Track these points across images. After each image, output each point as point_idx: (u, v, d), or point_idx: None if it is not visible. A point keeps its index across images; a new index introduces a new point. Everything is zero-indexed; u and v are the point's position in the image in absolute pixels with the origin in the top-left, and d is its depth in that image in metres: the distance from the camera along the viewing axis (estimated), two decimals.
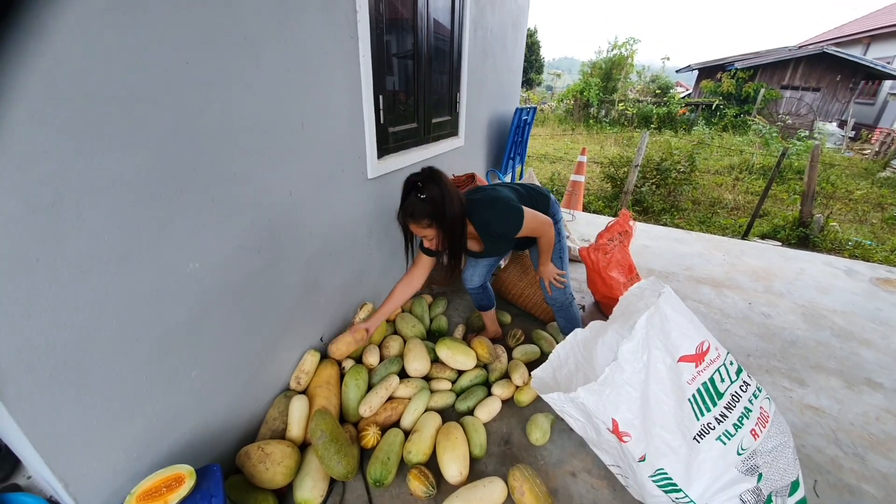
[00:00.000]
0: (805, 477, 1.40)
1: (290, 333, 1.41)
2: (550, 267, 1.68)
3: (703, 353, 1.06)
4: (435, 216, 1.28)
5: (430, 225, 1.31)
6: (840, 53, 11.77)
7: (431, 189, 1.26)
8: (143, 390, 0.96)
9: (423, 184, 1.27)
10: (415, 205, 1.27)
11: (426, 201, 1.26)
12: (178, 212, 0.94)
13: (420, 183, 1.27)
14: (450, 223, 1.31)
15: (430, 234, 1.34)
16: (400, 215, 1.33)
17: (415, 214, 1.28)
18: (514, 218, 1.43)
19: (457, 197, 1.32)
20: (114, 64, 0.77)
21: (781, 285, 2.84)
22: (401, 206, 1.32)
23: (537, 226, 1.48)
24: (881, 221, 5.22)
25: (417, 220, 1.29)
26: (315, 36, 1.25)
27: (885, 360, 2.09)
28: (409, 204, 1.29)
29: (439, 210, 1.27)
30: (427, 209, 1.27)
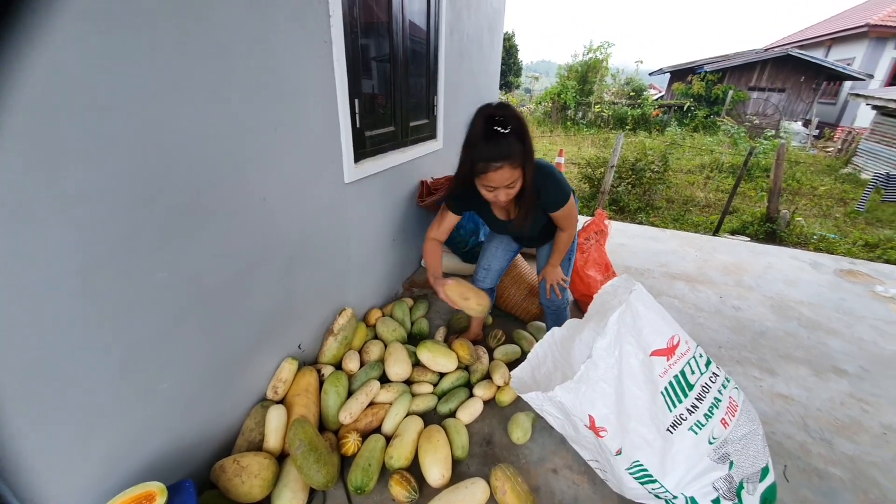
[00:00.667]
0: (775, 463, 1.45)
1: (266, 342, 1.39)
2: (559, 270, 1.63)
3: (674, 347, 1.09)
4: (524, 154, 1.08)
5: (520, 165, 1.09)
6: (804, 56, 12.31)
7: (514, 121, 1.05)
8: (111, 405, 0.93)
9: (504, 115, 1.05)
10: (500, 140, 1.05)
11: (514, 136, 1.05)
12: (146, 221, 0.91)
13: (500, 115, 1.05)
14: (531, 155, 1.11)
15: (515, 176, 1.11)
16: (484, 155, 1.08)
17: (505, 154, 1.05)
18: (564, 192, 1.30)
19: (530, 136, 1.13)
20: (79, 71, 0.74)
21: (751, 279, 2.94)
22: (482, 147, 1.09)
23: (572, 216, 1.39)
24: (844, 215, 5.48)
25: (508, 158, 1.07)
26: (288, 41, 1.24)
27: (850, 348, 2.19)
28: (491, 141, 1.06)
29: (525, 143, 1.07)
30: (516, 146, 1.06)
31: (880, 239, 4.52)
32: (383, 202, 2.06)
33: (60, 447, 0.84)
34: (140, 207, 0.89)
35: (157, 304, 0.98)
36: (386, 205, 2.10)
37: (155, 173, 0.91)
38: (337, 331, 1.67)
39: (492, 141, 1.07)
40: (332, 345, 1.65)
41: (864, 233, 4.74)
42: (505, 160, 1.09)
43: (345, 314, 1.72)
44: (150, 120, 0.88)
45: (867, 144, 8.44)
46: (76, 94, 0.75)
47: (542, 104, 14.65)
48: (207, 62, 0.99)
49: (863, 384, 1.91)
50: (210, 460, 1.22)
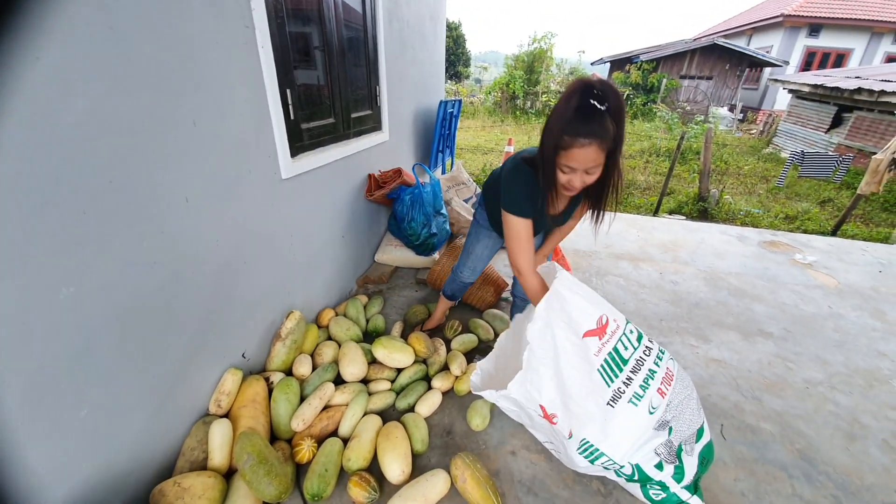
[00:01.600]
0: (712, 423, 1.57)
1: (203, 353, 1.29)
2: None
3: (604, 327, 1.13)
4: (616, 141, 0.98)
5: (606, 149, 0.99)
6: (728, 44, 13.23)
7: (615, 100, 0.96)
8: (21, 438, 0.83)
9: (605, 94, 0.95)
10: (594, 116, 0.95)
11: (611, 116, 0.95)
12: (40, 230, 0.81)
13: (602, 90, 0.95)
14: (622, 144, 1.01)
15: (601, 160, 1.01)
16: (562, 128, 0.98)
17: (598, 132, 0.96)
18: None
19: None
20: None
21: (686, 255, 3.15)
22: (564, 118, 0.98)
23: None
24: (766, 192, 5.98)
25: (600, 137, 0.96)
26: (202, 25, 1.14)
27: (773, 311, 2.40)
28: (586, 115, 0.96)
29: (620, 128, 0.98)
30: (611, 126, 0.96)
31: (798, 211, 4.98)
32: (328, 198, 1.98)
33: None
34: (31, 214, 0.79)
35: (65, 322, 0.88)
36: (331, 201, 2.02)
37: (44, 175, 0.81)
38: (285, 335, 1.59)
39: (586, 114, 0.97)
40: (281, 350, 1.57)
41: (784, 206, 5.20)
42: (595, 137, 0.98)
43: (293, 317, 1.64)
44: (31, 116, 0.78)
45: (785, 126, 9.26)
46: None
47: (491, 94, 14.79)
48: (101, 49, 0.88)
49: (786, 344, 2.10)
50: (149, 485, 1.13)
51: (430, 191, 2.40)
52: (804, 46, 13.29)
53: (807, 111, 8.54)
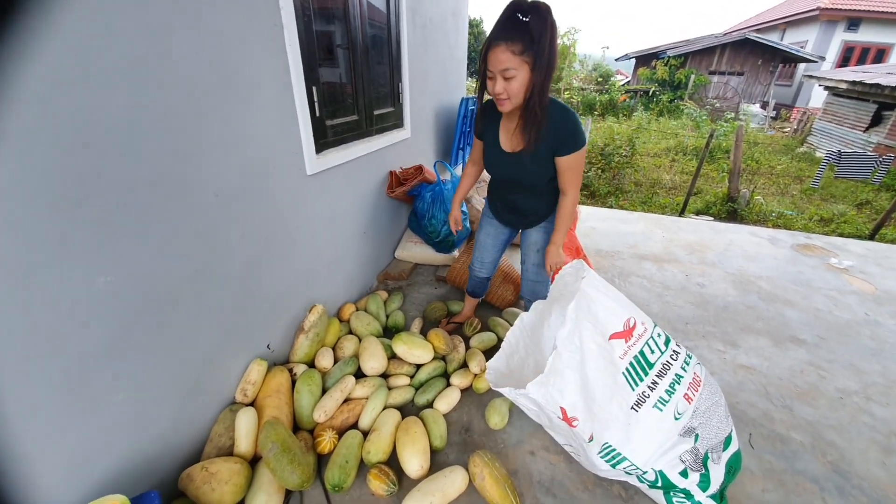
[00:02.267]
0: (740, 431, 1.52)
1: (231, 343, 1.33)
2: (562, 252, 1.49)
3: (631, 329, 1.11)
4: (532, 48, 1.09)
5: (522, 53, 1.10)
6: (760, 39, 12.74)
7: (538, 17, 1.08)
8: (62, 420, 0.87)
9: (534, 8, 1.09)
10: (513, 26, 1.09)
11: (529, 25, 1.07)
12: (81, 221, 0.85)
13: (528, 6, 1.09)
14: (545, 66, 1.12)
15: (513, 65, 1.12)
16: (491, 35, 1.13)
17: (510, 36, 1.08)
18: (580, 136, 1.27)
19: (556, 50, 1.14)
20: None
21: (714, 256, 3.05)
22: (494, 27, 1.12)
23: (579, 168, 1.33)
24: (800, 193, 5.76)
25: (510, 40, 1.09)
26: (233, 24, 1.17)
27: (806, 317, 2.30)
28: (505, 21, 1.10)
29: (538, 42, 1.08)
30: (526, 35, 1.08)
31: (834, 214, 4.77)
32: (350, 194, 2.01)
33: (6, 464, 0.78)
34: (73, 206, 0.83)
35: (103, 310, 0.92)
36: (354, 197, 2.04)
37: (87, 169, 0.84)
38: (308, 328, 1.62)
39: (504, 23, 1.10)
40: (304, 343, 1.61)
41: (819, 208, 4.99)
42: (505, 41, 1.10)
43: (315, 311, 1.67)
44: (75, 112, 0.81)
45: (821, 124, 8.86)
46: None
47: None
48: (139, 47, 0.91)
49: (819, 351, 2.02)
50: (177, 469, 1.18)
51: (451, 188, 2.40)
52: (842, 41, 12.68)
53: (844, 109, 8.15)
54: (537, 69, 1.14)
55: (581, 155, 1.31)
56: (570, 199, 1.41)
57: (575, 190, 1.39)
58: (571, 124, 1.27)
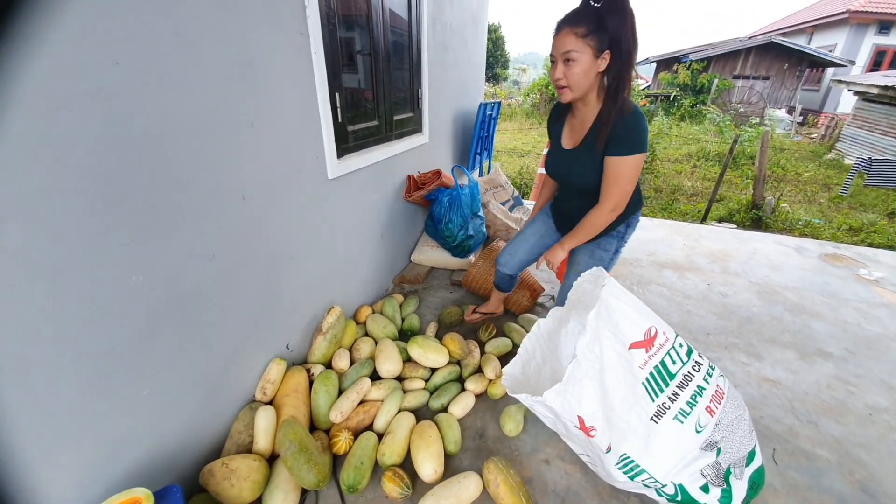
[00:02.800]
0: (764, 446, 1.47)
1: (252, 343, 1.36)
2: (560, 254, 1.45)
3: (652, 339, 1.09)
4: (600, 31, 1.05)
5: (586, 36, 1.06)
6: (787, 43, 12.42)
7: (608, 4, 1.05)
8: (90, 413, 0.90)
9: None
10: (584, 9, 1.06)
11: (600, 10, 1.05)
12: (115, 222, 0.88)
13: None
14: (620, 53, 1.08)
15: (575, 47, 1.08)
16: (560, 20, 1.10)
17: (576, 19, 1.06)
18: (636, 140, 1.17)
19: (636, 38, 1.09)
20: (34, 67, 0.71)
21: (737, 265, 2.97)
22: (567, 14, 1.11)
23: (622, 177, 1.21)
24: (828, 201, 5.57)
25: (574, 23, 1.06)
26: (262, 33, 1.21)
27: (834, 330, 2.22)
28: (575, 10, 1.08)
29: (607, 26, 1.05)
30: (593, 18, 1.05)
31: (863, 223, 4.60)
32: (369, 198, 2.03)
33: (35, 458, 0.82)
34: (108, 207, 0.86)
35: (133, 308, 0.95)
36: (372, 201, 2.07)
37: (120, 172, 0.88)
38: (326, 329, 1.65)
39: (575, 8, 1.09)
40: (322, 344, 1.63)
41: (847, 217, 4.82)
42: (569, 24, 1.08)
43: (333, 312, 1.70)
44: (111, 117, 0.84)
45: (850, 130, 8.57)
46: (30, 90, 0.71)
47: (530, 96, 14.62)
48: (171, 55, 0.95)
49: (847, 366, 1.94)
50: (198, 465, 1.20)
51: (469, 193, 2.41)
52: (873, 45, 12.27)
53: (875, 115, 7.86)
54: (612, 52, 1.09)
55: (631, 162, 1.19)
56: (601, 212, 1.30)
57: (612, 201, 1.27)
58: (633, 123, 1.17)
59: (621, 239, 1.50)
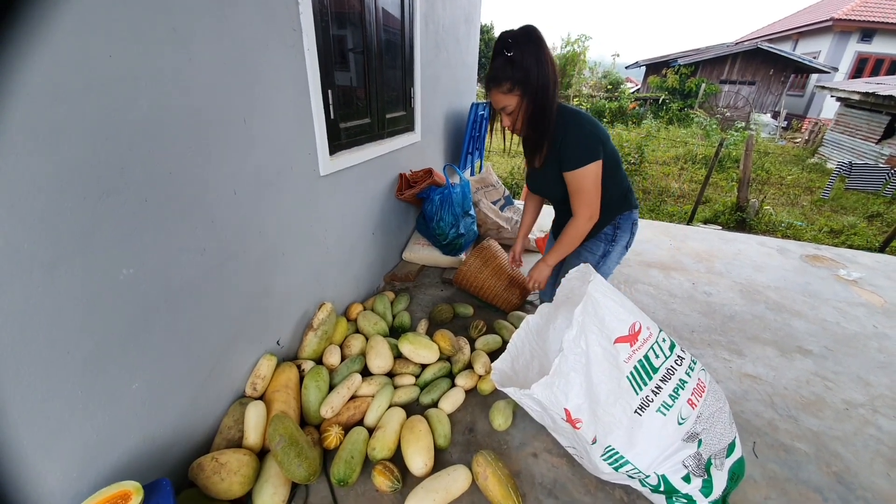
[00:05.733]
0: (744, 440, 1.52)
1: (243, 338, 1.36)
2: (545, 270, 1.47)
3: (636, 334, 1.12)
4: (518, 80, 1.11)
5: (511, 90, 1.13)
6: (772, 49, 12.69)
7: (522, 48, 1.09)
8: (79, 406, 0.90)
9: (514, 40, 1.10)
10: (498, 66, 1.12)
11: (512, 61, 1.10)
12: (106, 215, 0.88)
13: (511, 39, 1.10)
14: (539, 92, 1.13)
15: (511, 104, 1.16)
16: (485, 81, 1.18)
17: (496, 78, 1.12)
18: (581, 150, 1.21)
19: (552, 67, 1.13)
20: (26, 59, 0.71)
21: (721, 265, 3.04)
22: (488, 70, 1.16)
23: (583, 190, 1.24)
24: (811, 203, 5.71)
25: (498, 84, 1.13)
26: (253, 28, 1.21)
27: (814, 328, 2.29)
28: (493, 67, 1.13)
29: (525, 74, 1.10)
30: (509, 72, 1.11)
31: (844, 225, 4.73)
32: (361, 196, 2.04)
33: (24, 450, 0.81)
34: (98, 200, 0.86)
35: (123, 301, 0.95)
36: (364, 198, 2.08)
37: (111, 165, 0.88)
38: (317, 326, 1.65)
39: (493, 65, 1.15)
40: (312, 340, 1.63)
41: (829, 220, 4.95)
42: (494, 84, 1.15)
43: (324, 309, 1.70)
44: (102, 110, 0.84)
45: (832, 135, 8.79)
46: (20, 84, 0.71)
47: None
48: (164, 50, 0.95)
49: (826, 363, 2.01)
50: (188, 459, 1.20)
51: (460, 191, 2.43)
52: (855, 52, 12.60)
53: (856, 120, 8.08)
54: (529, 95, 1.17)
55: (585, 172, 1.23)
56: (576, 223, 1.34)
57: (583, 212, 1.31)
58: (574, 138, 1.23)
59: (610, 242, 1.52)
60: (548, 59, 1.13)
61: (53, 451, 0.86)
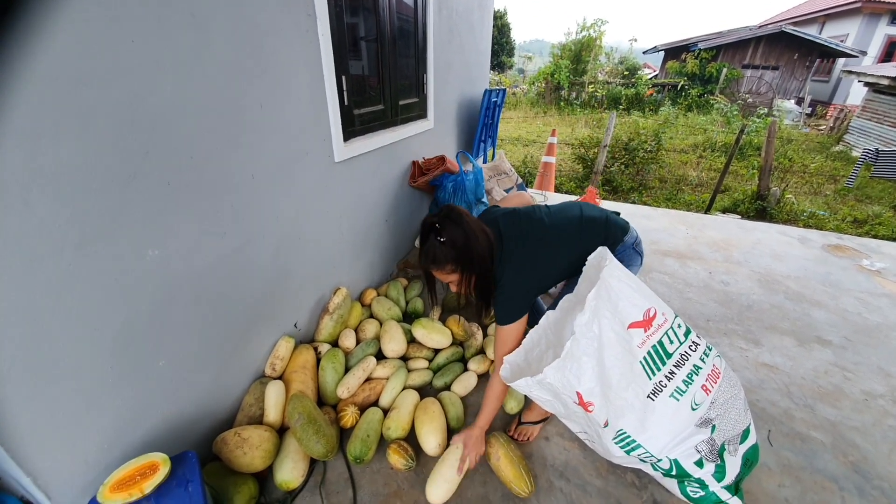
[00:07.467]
0: (759, 428, 1.51)
1: (262, 320, 1.40)
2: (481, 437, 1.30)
3: (651, 319, 1.11)
4: (458, 260, 1.16)
5: (454, 270, 1.19)
6: (797, 32, 12.20)
7: (452, 230, 1.15)
8: (109, 381, 0.94)
9: (442, 225, 1.15)
10: (435, 249, 1.16)
11: (447, 244, 1.15)
12: (132, 197, 0.91)
13: (438, 224, 1.16)
14: (477, 265, 1.18)
15: (454, 279, 1.22)
16: (420, 260, 1.22)
17: (437, 260, 1.17)
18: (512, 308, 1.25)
19: (483, 235, 1.18)
20: (54, 45, 0.73)
21: (739, 254, 2.99)
22: (420, 251, 1.21)
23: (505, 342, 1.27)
24: (834, 192, 5.54)
25: (440, 265, 1.17)
26: (269, 14, 1.22)
27: (834, 318, 2.24)
28: (428, 248, 1.17)
29: (463, 253, 1.16)
30: (449, 253, 1.15)
31: (868, 215, 4.58)
32: (375, 182, 2.06)
33: (58, 422, 0.86)
34: (125, 184, 0.89)
35: (150, 281, 0.99)
36: (377, 185, 2.09)
37: (136, 149, 0.90)
38: (332, 310, 1.68)
39: (427, 250, 1.18)
40: (328, 323, 1.67)
41: (853, 209, 4.80)
42: (435, 267, 1.19)
43: (340, 293, 1.73)
44: (127, 95, 0.87)
45: (858, 122, 8.46)
46: (49, 69, 0.73)
47: (535, 84, 14.47)
48: (184, 35, 0.97)
49: (846, 353, 1.97)
50: (211, 434, 1.25)
51: (473, 179, 2.42)
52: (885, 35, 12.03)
53: (885, 106, 7.75)
54: (470, 269, 1.19)
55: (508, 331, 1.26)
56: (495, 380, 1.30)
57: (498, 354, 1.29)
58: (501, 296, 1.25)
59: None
60: (475, 228, 1.17)
61: (85, 422, 0.91)
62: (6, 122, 0.69)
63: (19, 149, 0.72)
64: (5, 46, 0.68)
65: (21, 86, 0.70)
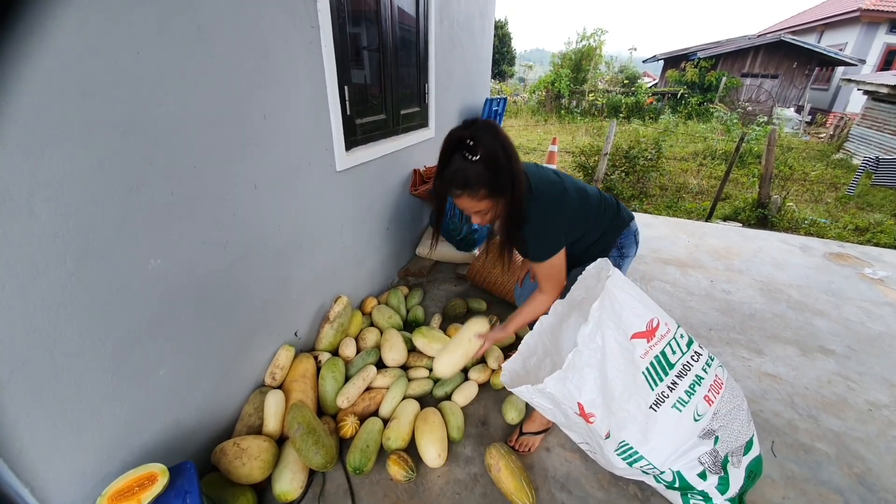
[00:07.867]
0: (763, 439, 1.49)
1: (262, 329, 1.40)
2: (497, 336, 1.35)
3: (654, 329, 1.11)
4: (494, 181, 0.96)
5: (486, 196, 0.99)
6: (796, 41, 12.28)
7: (489, 144, 0.93)
8: (109, 390, 0.94)
9: (476, 138, 0.93)
10: (466, 170, 0.94)
11: (482, 162, 0.93)
12: (135, 207, 0.92)
13: (471, 139, 0.93)
14: (517, 186, 0.99)
15: (483, 207, 1.02)
16: (438, 185, 1.02)
17: (468, 183, 0.95)
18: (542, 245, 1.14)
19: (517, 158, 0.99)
20: (60, 56, 0.74)
21: (741, 263, 2.98)
22: (439, 174, 1.01)
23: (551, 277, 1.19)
24: (835, 200, 5.54)
25: (471, 189, 0.96)
26: (273, 25, 1.23)
27: (837, 328, 2.23)
28: (456, 170, 0.96)
29: (502, 172, 0.95)
30: (484, 174, 0.95)
31: (870, 223, 4.58)
32: (376, 191, 2.06)
33: (57, 431, 0.85)
34: (128, 194, 0.90)
35: (152, 291, 0.99)
36: (379, 193, 2.10)
37: (140, 159, 0.91)
38: (333, 318, 1.68)
39: (455, 170, 0.97)
40: (329, 332, 1.67)
41: (854, 217, 4.79)
42: (464, 191, 0.99)
43: (340, 302, 1.73)
44: (131, 105, 0.88)
45: (858, 130, 8.49)
46: (55, 80, 0.74)
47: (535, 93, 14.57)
48: (189, 47, 0.98)
49: (849, 363, 1.96)
50: (210, 444, 1.24)
51: None
52: (884, 44, 12.10)
53: (884, 114, 7.78)
54: (503, 193, 1.02)
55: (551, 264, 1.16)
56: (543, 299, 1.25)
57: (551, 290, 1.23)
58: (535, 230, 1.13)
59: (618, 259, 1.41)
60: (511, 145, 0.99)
61: (85, 432, 0.91)
62: (12, 132, 0.70)
63: (25, 158, 0.72)
64: (12, 57, 0.68)
65: (27, 96, 0.71)
